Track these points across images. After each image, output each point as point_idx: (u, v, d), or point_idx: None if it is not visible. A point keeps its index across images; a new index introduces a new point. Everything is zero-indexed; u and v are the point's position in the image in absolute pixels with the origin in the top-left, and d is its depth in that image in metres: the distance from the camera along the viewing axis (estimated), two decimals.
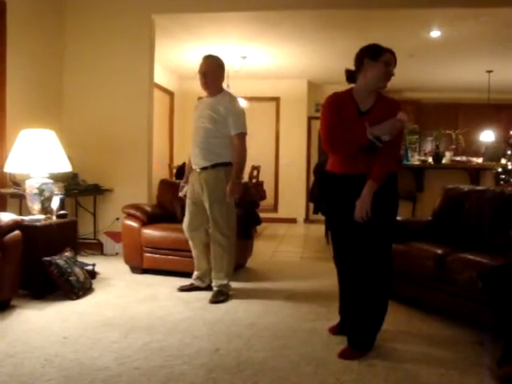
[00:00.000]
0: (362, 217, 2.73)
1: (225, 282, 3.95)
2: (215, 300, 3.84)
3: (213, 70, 3.93)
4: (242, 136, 3.95)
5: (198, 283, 4.16)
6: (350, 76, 2.94)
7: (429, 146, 9.47)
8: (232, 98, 3.96)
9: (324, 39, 6.86)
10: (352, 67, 2.94)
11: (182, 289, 4.14)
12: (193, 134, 4.02)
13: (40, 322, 3.29)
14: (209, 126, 3.88)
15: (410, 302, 3.73)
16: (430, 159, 7.15)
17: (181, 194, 4.19)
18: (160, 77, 7.97)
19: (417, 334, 3.13)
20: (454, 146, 8.27)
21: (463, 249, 3.48)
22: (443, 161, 7.06)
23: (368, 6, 5.47)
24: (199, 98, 9.98)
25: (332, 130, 2.82)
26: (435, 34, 6.37)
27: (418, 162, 7.07)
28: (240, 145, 3.93)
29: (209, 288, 4.05)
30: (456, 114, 9.81)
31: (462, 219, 3.91)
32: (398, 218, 3.95)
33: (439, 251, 3.49)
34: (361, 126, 2.71)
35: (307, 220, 9.86)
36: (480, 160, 7.62)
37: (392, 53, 2.88)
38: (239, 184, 3.92)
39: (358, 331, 2.85)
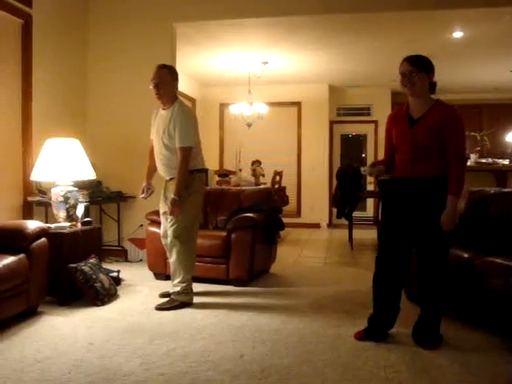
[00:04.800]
0: (449, 229, 2.88)
1: (177, 289, 3.84)
2: (159, 306, 3.78)
3: (164, 81, 3.79)
4: (185, 150, 3.72)
5: None
6: None
7: None
8: (180, 109, 3.80)
9: (345, 43, 6.84)
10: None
11: (163, 295, 4.08)
12: (154, 143, 3.95)
13: (66, 328, 3.33)
14: (166, 142, 3.80)
15: None
16: None
17: (142, 196, 4.08)
18: (182, 84, 7.97)
19: (444, 339, 3.07)
20: (478, 148, 8.14)
21: (490, 252, 3.41)
22: (468, 163, 6.95)
23: (389, 9, 5.43)
24: (221, 105, 9.96)
25: (385, 149, 3.20)
26: (458, 34, 6.30)
27: None
28: (182, 160, 3.70)
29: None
30: (480, 114, 9.66)
31: (488, 222, 3.83)
32: None
33: (466, 255, 3.43)
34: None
35: (330, 225, 9.81)
36: (506, 161, 7.48)
37: (407, 60, 2.93)
38: (178, 201, 3.71)
39: (426, 331, 3.02)
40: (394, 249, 3.02)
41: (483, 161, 7.23)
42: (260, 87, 8.83)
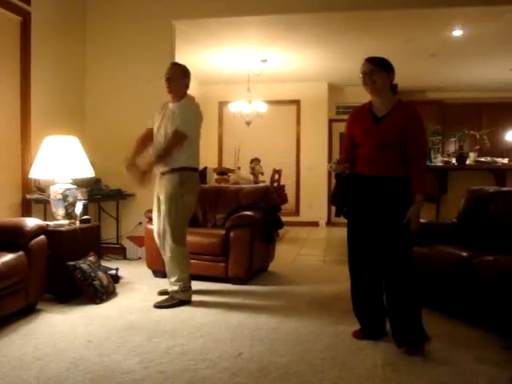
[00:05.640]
0: (417, 226, 2.89)
1: (175, 287, 3.84)
2: (158, 304, 3.79)
3: (176, 76, 3.91)
4: (180, 133, 3.73)
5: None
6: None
7: (452, 147, 9.35)
8: (188, 103, 3.90)
9: (344, 41, 6.83)
10: None
11: (162, 292, 4.09)
12: (155, 135, 3.95)
13: (65, 325, 3.33)
14: (168, 132, 3.82)
15: (434, 305, 3.67)
16: (454, 160, 7.04)
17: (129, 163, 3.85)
18: None
19: (441, 338, 3.07)
20: (478, 147, 8.13)
21: (489, 251, 3.41)
22: (467, 162, 6.94)
23: (388, 7, 5.43)
24: (220, 103, 9.94)
25: (345, 147, 3.18)
26: (457, 33, 6.29)
27: (441, 164, 6.97)
28: (173, 138, 3.73)
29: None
30: (480, 113, 9.65)
31: (487, 221, 3.84)
32: (422, 220, 3.93)
33: (464, 254, 3.43)
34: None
35: (329, 223, 9.80)
36: (506, 160, 7.47)
37: (368, 60, 2.99)
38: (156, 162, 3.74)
39: (402, 331, 2.92)
40: (362, 245, 3.01)
41: (482, 159, 7.21)
42: (259, 85, 8.81)
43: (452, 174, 6.68)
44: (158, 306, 3.78)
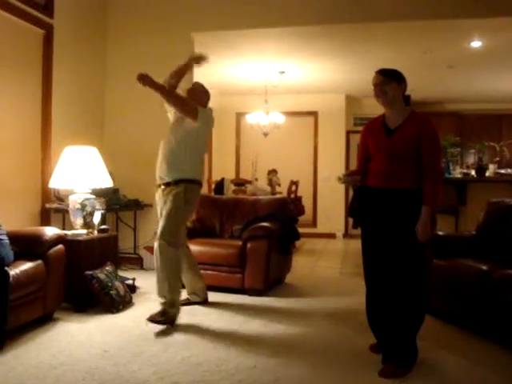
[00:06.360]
0: (424, 239, 2.80)
1: (169, 296, 3.60)
2: (151, 319, 3.51)
3: (195, 90, 4.07)
4: (192, 106, 3.85)
5: (193, 298, 4.13)
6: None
7: (471, 159, 9.25)
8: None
9: (361, 52, 6.82)
10: None
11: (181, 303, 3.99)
12: (164, 141, 3.92)
13: (81, 334, 3.35)
14: (179, 137, 3.82)
15: (452, 318, 3.62)
16: (473, 172, 6.96)
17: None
18: None
19: (458, 352, 3.02)
20: (497, 159, 8.03)
21: (510, 265, 3.35)
22: (487, 174, 6.86)
23: (406, 18, 5.42)
24: (238, 114, 9.99)
25: (359, 159, 3.17)
26: (476, 44, 6.24)
27: (460, 176, 6.90)
28: (183, 98, 3.94)
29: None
30: (499, 125, 9.53)
31: (507, 234, 3.77)
32: (440, 232, 3.89)
33: (484, 267, 3.37)
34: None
35: (346, 235, 9.73)
36: None
37: (379, 72, 3.04)
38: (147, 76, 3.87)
39: (393, 347, 2.82)
40: (375, 260, 2.94)
41: (502, 171, 7.11)
42: (277, 96, 8.85)
43: (471, 186, 6.60)
44: (150, 320, 3.52)
